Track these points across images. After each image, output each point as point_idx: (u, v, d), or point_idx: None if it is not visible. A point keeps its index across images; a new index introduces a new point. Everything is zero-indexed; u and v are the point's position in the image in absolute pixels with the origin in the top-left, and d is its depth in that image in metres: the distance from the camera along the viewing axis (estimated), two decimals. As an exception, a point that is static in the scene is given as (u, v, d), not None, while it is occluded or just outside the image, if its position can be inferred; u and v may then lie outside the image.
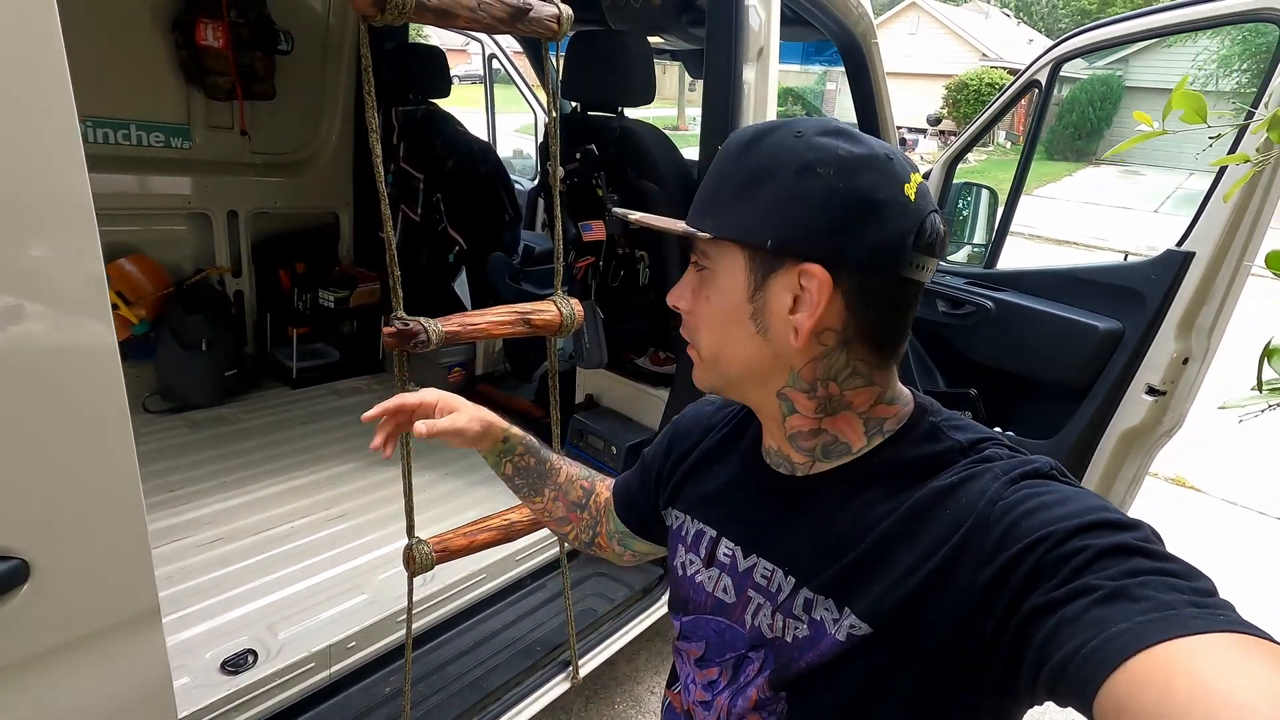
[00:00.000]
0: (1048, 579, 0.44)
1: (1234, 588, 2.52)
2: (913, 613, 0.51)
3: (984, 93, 17.11)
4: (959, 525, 0.51)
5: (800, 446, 0.61)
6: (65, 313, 0.64)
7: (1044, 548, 0.45)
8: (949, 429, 0.58)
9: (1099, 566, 0.43)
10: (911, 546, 0.53)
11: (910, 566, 0.52)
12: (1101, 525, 0.45)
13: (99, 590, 0.69)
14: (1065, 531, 0.45)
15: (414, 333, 1.01)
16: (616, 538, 0.85)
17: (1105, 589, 0.41)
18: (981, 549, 0.49)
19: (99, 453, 0.67)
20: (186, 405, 2.36)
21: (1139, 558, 0.43)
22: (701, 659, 0.67)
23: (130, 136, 2.29)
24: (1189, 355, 1.68)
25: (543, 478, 0.87)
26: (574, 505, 0.87)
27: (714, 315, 0.60)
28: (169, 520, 1.79)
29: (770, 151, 0.55)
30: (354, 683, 1.44)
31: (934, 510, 0.53)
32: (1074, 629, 0.41)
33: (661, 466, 0.77)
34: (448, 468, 2.15)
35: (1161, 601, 0.39)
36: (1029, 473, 0.52)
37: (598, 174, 1.90)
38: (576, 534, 0.88)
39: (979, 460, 0.54)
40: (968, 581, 0.49)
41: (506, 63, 3.46)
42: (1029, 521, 0.47)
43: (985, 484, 0.52)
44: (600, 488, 0.87)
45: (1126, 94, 17.53)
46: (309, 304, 2.69)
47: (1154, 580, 0.41)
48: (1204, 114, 0.60)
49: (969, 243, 2.36)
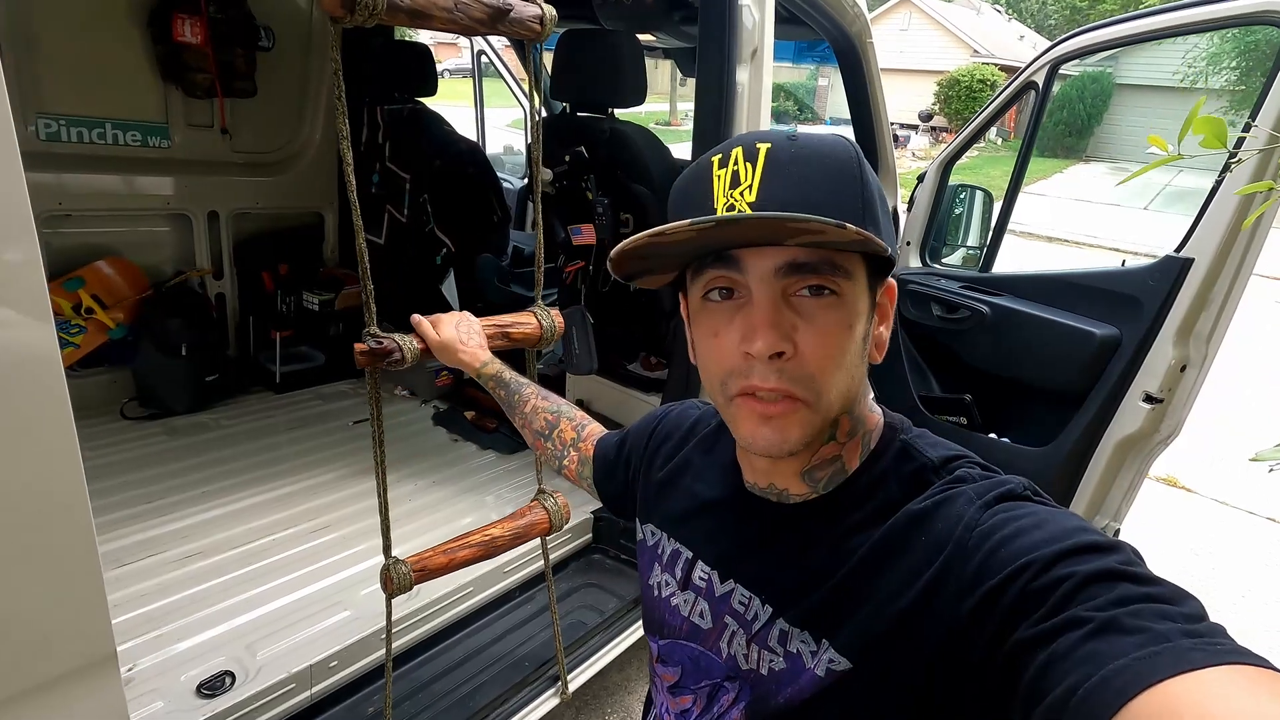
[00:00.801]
0: (1034, 610, 0.43)
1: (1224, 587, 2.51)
2: (893, 645, 0.50)
3: (975, 89, 17.12)
4: (937, 552, 0.49)
5: (813, 479, 0.57)
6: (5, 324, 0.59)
7: (1027, 576, 0.44)
8: (921, 446, 0.57)
9: (1085, 595, 0.41)
10: (889, 576, 0.51)
11: (888, 596, 0.50)
12: (1083, 549, 0.44)
13: (45, 638, 0.64)
14: (1047, 558, 0.44)
15: (387, 351, 0.97)
16: (588, 482, 0.89)
17: (1095, 621, 0.40)
18: (962, 578, 0.47)
19: (42, 486, 0.62)
20: (166, 411, 2.30)
21: (1125, 583, 0.42)
22: (675, 685, 0.64)
23: (106, 135, 2.22)
24: (1187, 362, 1.66)
25: (513, 407, 0.99)
26: (538, 434, 0.96)
27: (850, 349, 0.51)
28: (147, 533, 1.74)
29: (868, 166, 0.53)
30: (336, 703, 1.40)
31: (909, 537, 0.51)
32: (1067, 665, 0.39)
33: (640, 460, 0.76)
34: (433, 476, 2.11)
35: (1156, 633, 0.38)
36: (1003, 494, 0.50)
37: (587, 176, 1.86)
38: (547, 460, 0.97)
39: (952, 482, 0.53)
40: (949, 612, 0.47)
41: (495, 58, 3.41)
42: (1009, 548, 0.46)
43: (960, 509, 0.50)
44: (564, 424, 0.93)
45: (1117, 91, 17.63)
46: (293, 307, 2.63)
47: (1145, 609, 0.40)
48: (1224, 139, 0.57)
49: (963, 245, 2.33)
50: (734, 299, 0.52)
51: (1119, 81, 17.58)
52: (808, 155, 0.51)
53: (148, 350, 2.28)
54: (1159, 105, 16.22)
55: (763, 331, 0.49)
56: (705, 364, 0.56)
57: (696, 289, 0.54)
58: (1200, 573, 2.84)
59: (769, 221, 0.46)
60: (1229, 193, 1.51)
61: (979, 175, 11.51)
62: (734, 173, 0.51)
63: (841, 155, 0.51)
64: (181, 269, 2.46)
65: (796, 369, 0.50)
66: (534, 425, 0.96)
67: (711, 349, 0.54)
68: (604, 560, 1.92)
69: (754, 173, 0.50)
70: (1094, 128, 17.80)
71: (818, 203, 0.49)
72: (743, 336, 0.51)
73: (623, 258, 0.52)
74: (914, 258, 2.25)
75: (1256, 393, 4.29)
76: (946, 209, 2.25)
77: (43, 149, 2.10)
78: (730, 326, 0.52)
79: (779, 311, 0.50)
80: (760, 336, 0.49)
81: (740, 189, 0.50)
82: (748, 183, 0.50)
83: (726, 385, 0.53)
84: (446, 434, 2.40)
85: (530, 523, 1.34)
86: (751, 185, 0.50)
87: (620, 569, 1.88)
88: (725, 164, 0.52)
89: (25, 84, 2.01)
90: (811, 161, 0.50)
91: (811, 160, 0.50)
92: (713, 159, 0.53)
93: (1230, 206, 1.51)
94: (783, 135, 0.52)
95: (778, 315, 0.50)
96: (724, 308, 0.53)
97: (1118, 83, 17.60)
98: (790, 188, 0.49)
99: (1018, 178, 2.05)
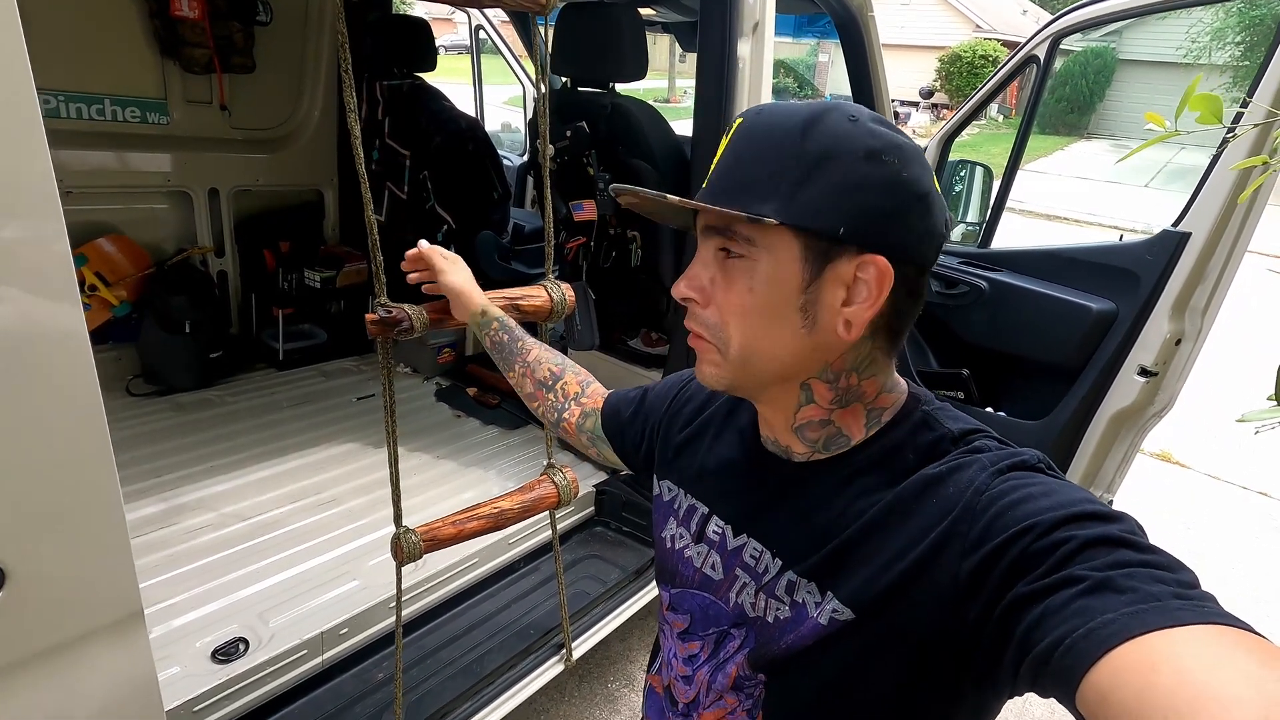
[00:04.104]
0: (1033, 569, 0.45)
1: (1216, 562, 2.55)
2: (896, 599, 0.52)
3: (978, 65, 16.93)
4: (946, 514, 0.51)
5: (805, 438, 0.60)
6: (32, 304, 0.61)
7: (1029, 538, 0.46)
8: (941, 418, 0.58)
9: (1084, 557, 0.43)
10: (898, 534, 0.53)
11: (896, 554, 0.52)
12: (1087, 517, 0.46)
13: (78, 595, 0.66)
14: (1050, 522, 0.46)
15: (397, 320, 0.99)
16: (588, 435, 0.89)
17: (1090, 580, 0.41)
18: (967, 538, 0.49)
19: (73, 451, 0.65)
20: (171, 388, 2.33)
21: (1124, 549, 0.43)
22: (685, 632, 0.67)
23: (105, 112, 2.21)
24: (1182, 336, 1.68)
25: (514, 354, 0.96)
26: (540, 383, 0.94)
27: (754, 308, 0.55)
28: (157, 506, 1.77)
29: (831, 135, 0.52)
30: (346, 669, 1.44)
31: (922, 499, 0.53)
32: (1058, 619, 0.41)
33: (660, 421, 0.78)
34: (436, 451, 2.14)
35: (1147, 593, 0.40)
36: (1016, 464, 0.52)
37: (588, 152, 1.86)
38: (544, 411, 0.95)
39: (969, 451, 0.54)
40: (952, 570, 0.49)
41: (493, 33, 3.38)
42: (1015, 512, 0.48)
43: (973, 474, 0.52)
44: (569, 376, 0.93)
45: (1120, 66, 17.42)
46: (294, 284, 2.64)
47: (1139, 572, 0.41)
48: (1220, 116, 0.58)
49: (963, 221, 2.34)
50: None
51: (1122, 57, 17.37)
52: (761, 129, 0.55)
53: (151, 328, 2.29)
54: (1162, 81, 16.04)
55: (682, 280, 0.59)
56: None
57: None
58: (1194, 545, 2.89)
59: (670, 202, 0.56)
60: (1226, 168, 1.52)
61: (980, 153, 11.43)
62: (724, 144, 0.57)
63: (788, 124, 0.53)
64: (183, 246, 2.46)
65: (704, 317, 0.58)
66: (536, 374, 0.94)
67: None
68: (606, 532, 1.95)
69: (724, 146, 0.57)
70: (1096, 104, 17.62)
71: (746, 177, 0.54)
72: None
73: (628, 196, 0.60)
74: (913, 234, 2.25)
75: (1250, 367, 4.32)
76: (946, 185, 2.26)
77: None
78: None
79: (704, 266, 0.58)
80: (680, 282, 0.59)
81: (715, 159, 0.57)
82: (719, 155, 0.57)
83: None
84: (449, 410, 2.42)
85: (539, 496, 1.36)
86: (720, 157, 0.57)
87: (622, 541, 1.92)
88: (726, 132, 0.58)
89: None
90: (758, 135, 0.55)
91: (760, 134, 0.55)
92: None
93: (1228, 181, 1.52)
94: (764, 108, 0.57)
95: (698, 269, 0.58)
96: None
97: (1121, 58, 17.40)
98: (730, 162, 0.56)
99: (1017, 153, 2.05)
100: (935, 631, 0.50)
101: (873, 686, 0.54)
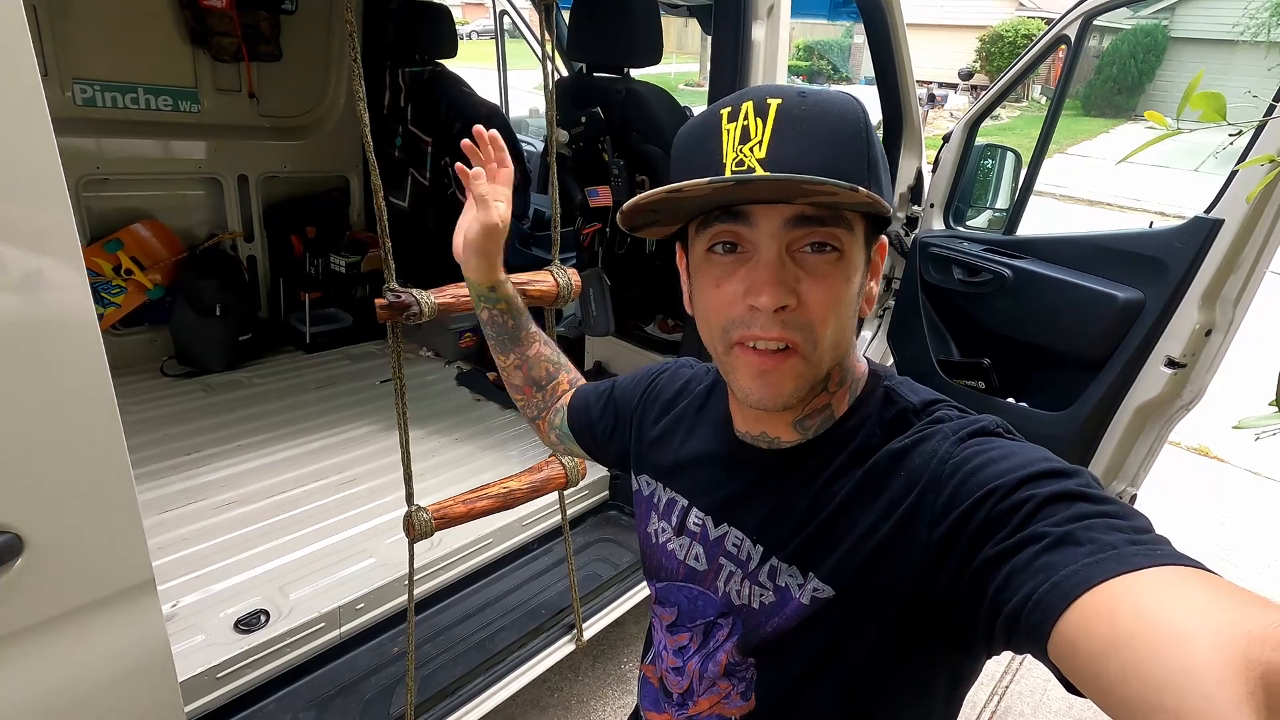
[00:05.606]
0: (998, 530, 0.46)
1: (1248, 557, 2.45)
2: (872, 573, 0.53)
3: (1020, 45, 16.34)
4: (913, 486, 0.52)
5: (804, 426, 0.60)
6: (44, 285, 0.64)
7: (993, 500, 0.47)
8: (903, 391, 0.59)
9: (1045, 514, 0.44)
10: (870, 509, 0.54)
11: (868, 529, 0.54)
12: (1045, 475, 0.47)
13: (92, 563, 0.70)
14: (1012, 483, 0.47)
15: (405, 305, 1.01)
16: (557, 433, 0.88)
17: (1052, 535, 0.43)
18: (934, 507, 0.50)
19: (84, 425, 0.68)
20: (203, 369, 2.41)
21: (1081, 502, 0.44)
22: (673, 624, 0.68)
23: (139, 100, 2.28)
24: (1212, 326, 1.62)
25: (515, 342, 0.90)
26: (533, 381, 0.90)
27: (845, 301, 0.53)
28: (188, 482, 1.84)
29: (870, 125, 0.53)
30: (362, 642, 1.49)
31: (889, 473, 0.54)
32: (1024, 576, 0.42)
33: (631, 413, 0.78)
34: (456, 434, 2.18)
35: (1104, 542, 0.41)
36: (976, 431, 0.54)
37: (603, 138, 1.86)
38: (525, 407, 0.92)
39: (931, 421, 0.56)
40: (923, 539, 0.50)
41: (518, 18, 3.38)
42: (977, 477, 0.49)
43: (935, 444, 0.53)
44: (563, 377, 0.91)
45: (1172, 45, 16.67)
46: (321, 269, 2.70)
47: (1097, 523, 0.43)
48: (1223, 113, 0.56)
49: (990, 207, 2.28)
50: (738, 253, 0.53)
51: (1174, 35, 16.61)
52: (817, 113, 0.51)
53: (184, 311, 2.37)
54: (1217, 60, 15.28)
55: (769, 288, 0.51)
56: (706, 313, 0.57)
57: (701, 241, 0.55)
58: (1226, 543, 2.80)
59: (785, 183, 0.47)
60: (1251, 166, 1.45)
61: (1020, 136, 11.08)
62: (744, 127, 0.51)
63: (849, 114, 0.52)
64: (214, 232, 2.53)
65: (798, 319, 0.52)
66: (533, 372, 0.89)
67: (714, 299, 0.55)
68: (619, 516, 1.97)
69: (764, 129, 0.50)
70: (1145, 85, 16.90)
71: (824, 162, 0.49)
72: (748, 290, 0.52)
73: (635, 210, 0.53)
74: (937, 219, 2.21)
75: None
76: (972, 170, 2.20)
77: (80, 114, 2.17)
78: (733, 278, 0.53)
79: (783, 267, 0.51)
80: (766, 292, 0.51)
81: (750, 144, 0.51)
82: (758, 138, 0.50)
83: (728, 333, 0.54)
84: (469, 394, 2.46)
85: (546, 477, 1.39)
86: (761, 141, 0.50)
87: (635, 525, 1.93)
88: (735, 118, 0.52)
89: (61, 49, 2.07)
90: (820, 120, 0.51)
91: (821, 119, 0.51)
92: (722, 111, 0.53)
93: (1263, 168, 1.46)
94: (793, 91, 0.52)
95: (782, 271, 0.51)
96: (728, 260, 0.54)
97: (1173, 36, 16.64)
98: (799, 146, 0.50)
99: (1046, 137, 1.99)
100: (911, 600, 0.51)
101: (855, 659, 0.56)
